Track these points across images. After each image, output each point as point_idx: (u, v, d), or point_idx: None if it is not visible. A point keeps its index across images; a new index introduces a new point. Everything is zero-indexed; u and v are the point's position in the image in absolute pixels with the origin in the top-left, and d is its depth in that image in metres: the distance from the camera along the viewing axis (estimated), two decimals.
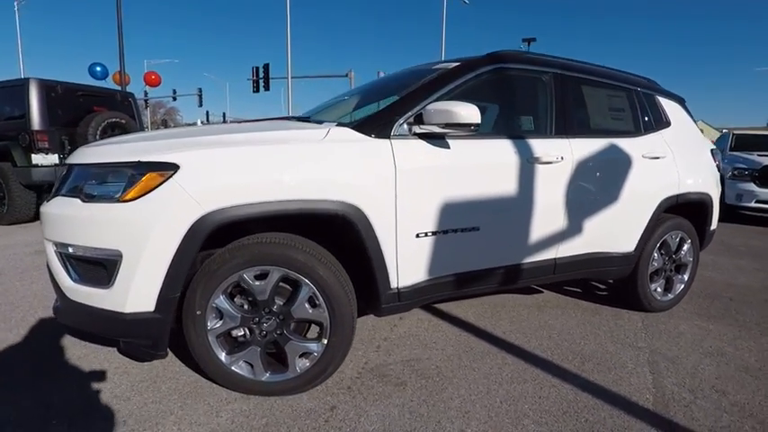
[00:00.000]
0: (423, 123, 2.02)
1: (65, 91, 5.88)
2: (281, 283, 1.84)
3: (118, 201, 1.64)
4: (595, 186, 2.59)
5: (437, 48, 21.75)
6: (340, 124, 2.05)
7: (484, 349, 2.46)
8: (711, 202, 3.17)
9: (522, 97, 2.57)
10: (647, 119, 2.96)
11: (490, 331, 2.71)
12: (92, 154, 1.79)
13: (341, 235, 2.03)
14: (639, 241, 2.84)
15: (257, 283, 1.81)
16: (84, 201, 1.70)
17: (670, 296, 3.15)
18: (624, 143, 2.74)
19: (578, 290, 3.55)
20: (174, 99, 31.74)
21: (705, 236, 3.25)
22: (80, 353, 2.27)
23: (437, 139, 2.10)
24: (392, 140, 2.00)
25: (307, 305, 1.85)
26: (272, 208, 1.72)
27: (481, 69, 2.32)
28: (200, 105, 28.52)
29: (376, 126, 2.01)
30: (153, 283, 1.67)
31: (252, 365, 1.88)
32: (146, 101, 25.88)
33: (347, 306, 1.87)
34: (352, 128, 2.00)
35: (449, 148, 2.12)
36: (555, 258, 2.56)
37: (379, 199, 1.92)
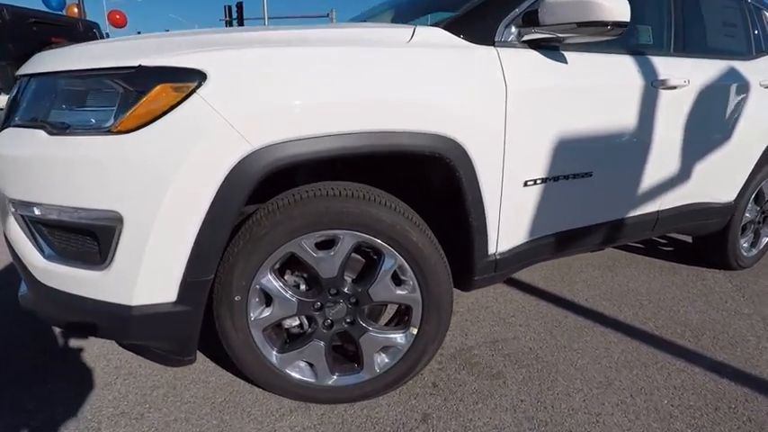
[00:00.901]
0: (537, 25, 1.42)
1: (14, 17, 4.86)
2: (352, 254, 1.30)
3: (108, 132, 1.02)
4: (711, 119, 2.07)
5: None
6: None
7: (575, 323, 2.01)
8: None
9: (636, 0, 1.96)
10: (759, 38, 2.40)
11: (569, 299, 2.26)
12: (60, 58, 1.14)
13: (424, 183, 1.48)
14: (741, 190, 2.39)
15: (320, 254, 1.26)
16: (51, 133, 1.07)
17: (754, 252, 2.75)
18: (741, 67, 2.19)
19: (641, 246, 3.12)
20: None
21: None
22: (66, 348, 1.70)
23: (551, 51, 1.52)
24: (498, 49, 1.40)
25: (390, 283, 1.32)
26: (352, 144, 1.14)
27: None
28: None
29: (475, 27, 1.40)
30: (173, 261, 1.09)
31: (313, 366, 1.37)
32: None
33: (446, 282, 1.35)
34: (444, 28, 1.39)
35: (566, 62, 1.54)
36: (658, 211, 2.08)
37: (486, 132, 1.36)
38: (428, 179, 1.48)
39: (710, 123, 2.06)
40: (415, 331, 1.36)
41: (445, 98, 1.28)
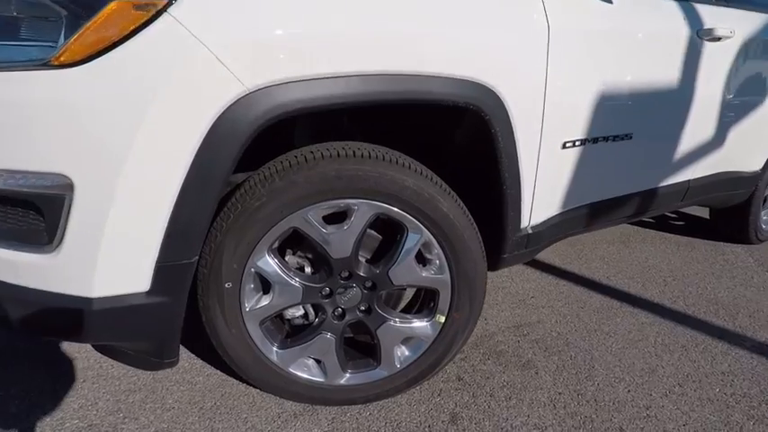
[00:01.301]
0: None
1: None
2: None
3: (46, 65, 0.76)
4: (751, 78, 1.88)
5: None
6: None
7: (600, 303, 1.84)
8: None
9: None
10: None
11: (589, 276, 2.09)
12: None
13: (444, 143, 1.25)
14: None
15: (330, 229, 1.02)
16: None
17: None
18: None
19: (652, 220, 2.97)
20: None
21: None
22: (20, 346, 1.44)
23: None
24: None
25: (414, 263, 1.09)
26: (375, 89, 0.90)
27: None
28: None
29: None
30: (142, 240, 0.85)
31: (321, 362, 1.15)
32: None
33: (480, 261, 1.13)
34: None
35: (611, 1, 1.31)
36: (689, 180, 1.90)
37: (526, 80, 1.13)
38: (451, 138, 1.25)
39: (750, 82, 1.87)
40: (442, 319, 1.15)
41: (481, 37, 1.04)
